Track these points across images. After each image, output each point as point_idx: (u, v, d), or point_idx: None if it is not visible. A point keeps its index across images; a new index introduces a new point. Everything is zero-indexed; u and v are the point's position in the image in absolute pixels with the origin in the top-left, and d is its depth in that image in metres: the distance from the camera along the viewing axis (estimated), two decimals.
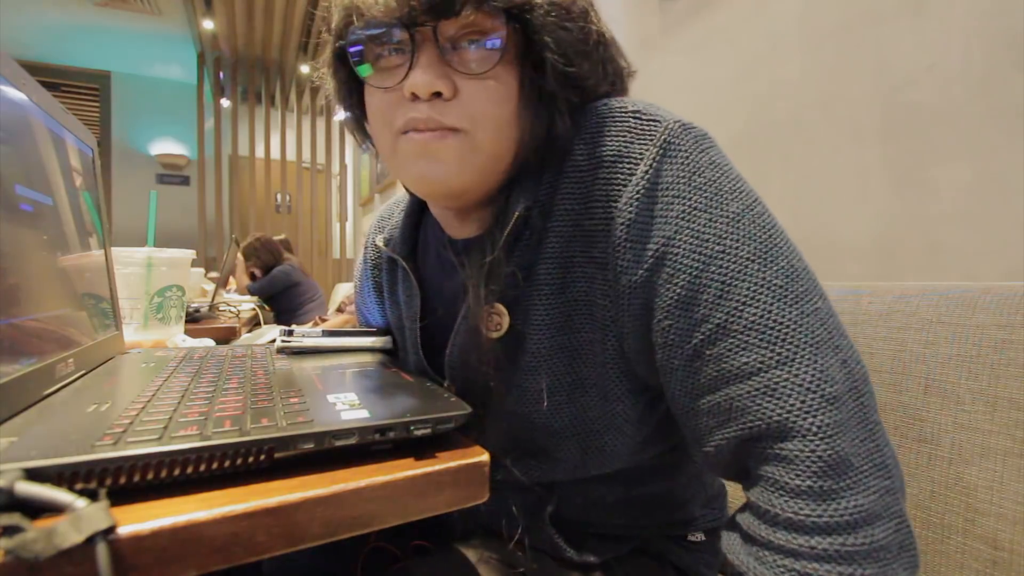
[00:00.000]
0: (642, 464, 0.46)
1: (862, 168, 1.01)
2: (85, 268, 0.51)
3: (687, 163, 0.37)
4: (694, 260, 0.35)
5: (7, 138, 0.36)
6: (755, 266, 0.34)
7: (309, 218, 5.29)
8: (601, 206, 0.38)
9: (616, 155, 0.38)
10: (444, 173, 0.39)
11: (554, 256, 0.40)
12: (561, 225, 0.39)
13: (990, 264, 0.82)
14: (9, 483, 0.21)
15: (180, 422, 0.29)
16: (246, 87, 5.12)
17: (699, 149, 0.37)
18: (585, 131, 0.39)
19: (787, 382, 0.32)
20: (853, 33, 1.02)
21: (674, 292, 0.35)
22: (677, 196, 0.36)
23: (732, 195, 0.36)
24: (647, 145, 0.37)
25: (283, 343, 0.54)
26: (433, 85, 0.37)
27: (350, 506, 0.27)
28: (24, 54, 4.70)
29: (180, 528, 0.23)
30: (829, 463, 0.31)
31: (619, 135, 0.38)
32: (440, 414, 0.33)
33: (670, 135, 0.37)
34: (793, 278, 0.35)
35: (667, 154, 0.37)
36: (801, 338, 0.33)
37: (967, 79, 0.84)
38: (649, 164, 0.36)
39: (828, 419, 0.32)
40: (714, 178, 0.36)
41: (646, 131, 0.37)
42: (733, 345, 0.34)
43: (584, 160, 0.39)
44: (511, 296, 0.41)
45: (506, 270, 0.41)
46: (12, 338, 0.33)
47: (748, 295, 0.34)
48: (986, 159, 0.82)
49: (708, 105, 1.36)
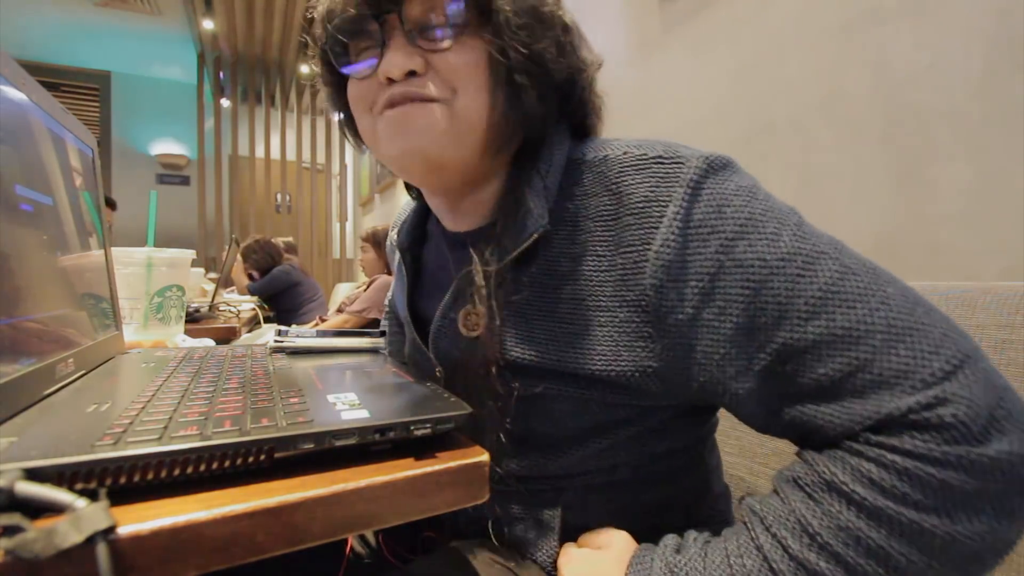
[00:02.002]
0: (649, 468, 0.45)
1: (862, 168, 1.01)
2: (85, 268, 0.51)
3: (714, 196, 0.37)
4: (743, 289, 0.35)
5: (7, 138, 0.36)
6: (806, 279, 0.34)
7: (309, 218, 5.29)
8: (634, 250, 0.38)
9: (644, 200, 0.38)
10: (422, 143, 0.41)
11: (575, 298, 0.40)
12: (590, 270, 0.40)
13: (990, 264, 0.82)
14: (9, 483, 0.21)
15: (180, 422, 0.29)
16: (246, 87, 5.12)
17: (724, 179, 0.38)
18: (609, 180, 0.40)
19: (873, 381, 0.32)
20: (853, 32, 1.02)
21: (729, 323, 0.35)
22: (712, 231, 0.36)
23: (765, 216, 0.36)
24: (674, 187, 0.37)
25: (276, 343, 0.54)
26: (405, 64, 0.39)
27: (350, 506, 0.27)
28: (24, 54, 4.70)
29: (180, 528, 0.23)
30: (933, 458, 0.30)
31: (644, 181, 0.38)
32: (440, 414, 0.33)
33: (694, 173, 0.37)
34: (848, 277, 0.34)
35: (694, 192, 0.37)
36: (878, 334, 0.32)
37: (967, 79, 0.84)
38: (679, 205, 0.37)
39: (927, 398, 0.31)
40: (743, 204, 0.36)
41: (671, 173, 0.38)
42: (806, 360, 0.33)
43: (611, 208, 0.39)
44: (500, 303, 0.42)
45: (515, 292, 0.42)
46: (12, 338, 0.33)
47: (807, 309, 0.33)
48: (986, 159, 0.82)
49: (708, 105, 1.36)
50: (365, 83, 0.42)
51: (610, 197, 0.40)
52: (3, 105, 0.36)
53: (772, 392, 0.36)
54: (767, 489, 0.38)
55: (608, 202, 0.40)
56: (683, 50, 1.42)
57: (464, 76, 0.40)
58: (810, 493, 0.34)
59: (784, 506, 0.35)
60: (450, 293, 0.46)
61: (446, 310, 0.46)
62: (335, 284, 3.97)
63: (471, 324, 0.43)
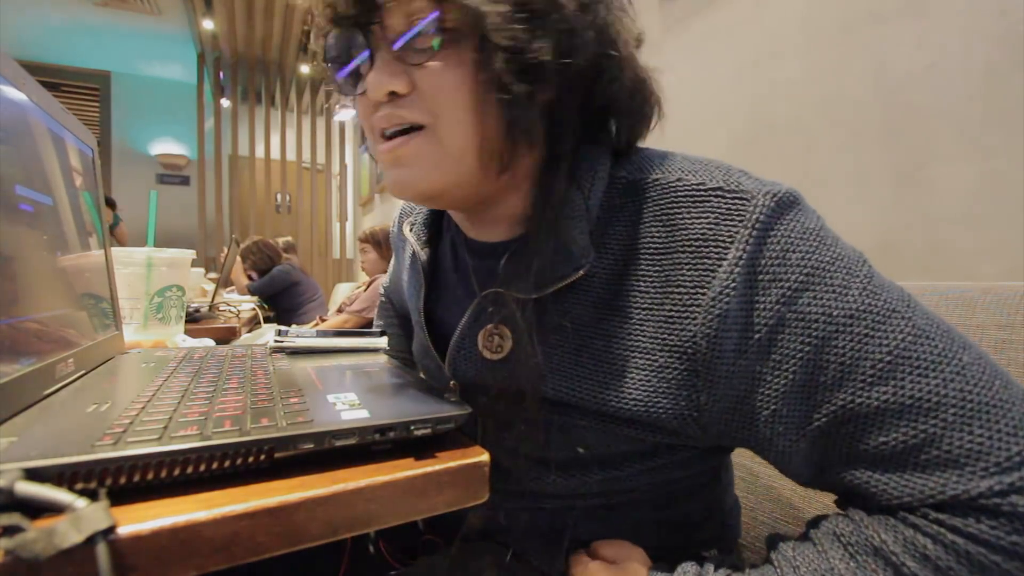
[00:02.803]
0: (666, 490, 0.44)
1: (862, 168, 1.01)
2: (85, 268, 0.51)
3: (779, 240, 0.33)
4: (803, 344, 0.32)
5: (7, 138, 0.36)
6: (875, 340, 0.31)
7: (309, 218, 5.29)
8: (686, 292, 0.35)
9: (701, 238, 0.34)
10: (412, 177, 0.38)
11: (612, 335, 0.37)
12: (632, 307, 0.37)
13: (990, 264, 0.82)
14: (9, 483, 0.21)
15: (180, 422, 0.29)
16: (246, 87, 5.12)
17: (791, 220, 0.34)
18: (660, 210, 0.36)
19: (941, 459, 0.29)
20: (853, 33, 1.02)
21: (784, 379, 0.33)
22: (774, 280, 0.33)
23: (833, 266, 0.33)
24: (737, 227, 0.33)
25: (276, 343, 0.54)
26: (384, 85, 0.36)
27: (350, 506, 0.27)
28: (24, 54, 4.70)
29: (180, 528, 0.23)
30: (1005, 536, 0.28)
31: (702, 216, 0.35)
32: (440, 414, 0.33)
33: (761, 212, 0.33)
34: (921, 341, 0.31)
35: (760, 235, 0.33)
36: (951, 407, 0.29)
37: (967, 79, 0.84)
38: (742, 248, 0.33)
39: (1001, 484, 0.28)
40: (811, 251, 0.33)
41: (733, 210, 0.34)
42: (867, 427, 0.31)
43: (661, 241, 0.36)
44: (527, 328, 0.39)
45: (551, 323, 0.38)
46: (12, 338, 0.33)
47: (874, 373, 0.31)
48: (986, 159, 0.82)
49: (708, 105, 1.36)
50: (362, 101, 0.39)
51: (660, 228, 0.36)
52: (3, 105, 0.36)
53: (824, 454, 0.33)
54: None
55: (658, 233, 0.36)
56: (683, 50, 1.42)
57: (446, 98, 0.36)
58: (852, 554, 0.32)
59: (821, 559, 0.33)
60: (471, 312, 0.42)
61: (466, 329, 0.43)
62: (335, 284, 3.97)
63: (493, 346, 0.41)
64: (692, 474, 0.44)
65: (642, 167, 0.39)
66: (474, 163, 0.37)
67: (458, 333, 0.43)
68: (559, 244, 0.38)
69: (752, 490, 0.63)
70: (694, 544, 0.46)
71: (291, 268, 3.13)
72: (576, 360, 0.38)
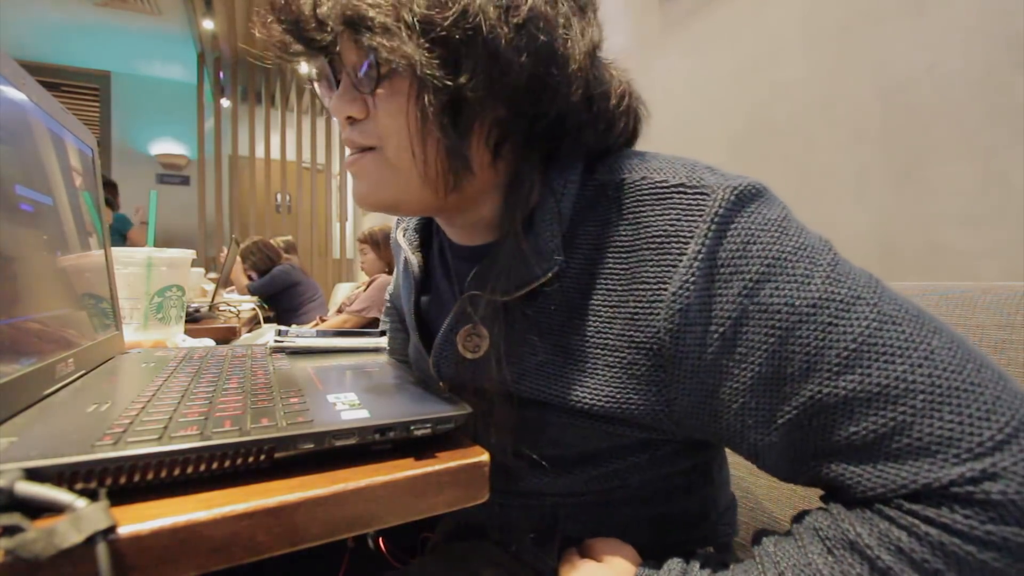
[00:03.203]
0: (655, 487, 0.44)
1: (862, 168, 1.01)
2: (85, 268, 0.51)
3: (740, 232, 0.33)
4: (767, 336, 0.32)
5: (7, 138, 0.36)
6: (839, 328, 0.31)
7: (309, 218, 5.29)
8: (649, 288, 0.35)
9: (663, 235, 0.35)
10: (365, 189, 0.41)
11: (582, 333, 0.38)
12: (600, 305, 0.37)
13: (990, 264, 0.82)
14: (9, 483, 0.21)
15: (180, 422, 0.29)
16: (246, 87, 5.12)
17: (752, 212, 0.34)
18: (626, 209, 0.37)
19: (912, 447, 0.29)
20: (853, 33, 1.02)
21: (750, 372, 0.33)
22: (735, 272, 0.33)
23: (795, 255, 0.32)
24: (696, 222, 0.34)
25: (276, 343, 0.54)
26: (344, 110, 0.38)
27: (350, 506, 0.27)
28: (24, 54, 4.70)
29: (180, 528, 0.23)
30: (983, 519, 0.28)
31: (664, 213, 0.35)
32: (440, 414, 0.33)
33: (720, 206, 0.33)
34: (887, 327, 0.31)
35: (719, 229, 0.33)
36: (920, 394, 0.29)
37: (967, 79, 0.84)
38: (700, 243, 0.33)
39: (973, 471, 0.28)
40: (772, 241, 0.33)
41: (693, 205, 0.34)
42: (836, 417, 0.31)
43: (627, 239, 0.36)
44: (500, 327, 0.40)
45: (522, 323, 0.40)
46: (12, 338, 0.33)
47: (839, 362, 0.30)
48: (986, 159, 0.82)
49: (708, 105, 1.36)
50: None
51: (626, 227, 0.37)
52: (3, 105, 0.36)
53: (797, 447, 0.33)
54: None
55: (624, 232, 0.37)
56: (683, 50, 1.42)
57: (388, 125, 0.37)
58: (830, 548, 0.32)
59: (800, 554, 0.33)
60: (452, 315, 0.44)
61: (447, 331, 0.44)
62: (335, 284, 3.97)
63: (471, 346, 0.42)
64: (681, 470, 0.45)
65: (614, 169, 0.39)
66: (418, 184, 0.39)
67: (441, 333, 0.45)
68: (530, 248, 0.38)
69: (751, 489, 0.63)
70: (689, 542, 0.46)
71: (291, 268, 3.13)
72: (549, 360, 0.39)
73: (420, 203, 0.40)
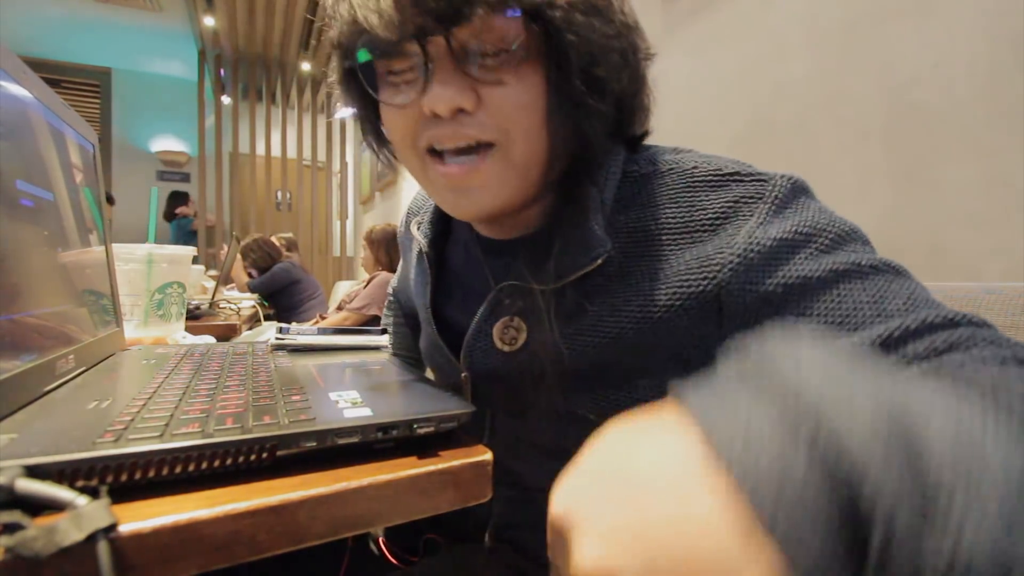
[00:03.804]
0: None
1: (865, 168, 1.00)
2: (86, 264, 0.51)
3: (798, 212, 0.36)
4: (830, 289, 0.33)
5: (8, 133, 0.36)
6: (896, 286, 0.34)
7: (309, 216, 5.28)
8: (706, 256, 0.36)
9: (722, 216, 0.36)
10: (479, 201, 0.38)
11: (627, 308, 0.38)
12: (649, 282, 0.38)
13: (994, 264, 0.82)
14: (10, 480, 0.21)
15: (181, 419, 0.29)
16: (247, 84, 5.11)
17: (805, 199, 0.37)
18: (677, 193, 0.38)
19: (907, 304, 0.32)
20: (857, 32, 1.01)
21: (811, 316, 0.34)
22: (793, 248, 0.34)
23: (853, 233, 0.36)
24: (757, 204, 0.36)
25: (278, 340, 0.54)
26: (454, 101, 0.34)
27: (352, 505, 0.27)
28: (25, 50, 4.69)
29: (181, 526, 0.23)
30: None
31: (721, 196, 0.37)
32: (443, 412, 0.33)
33: (779, 191, 0.36)
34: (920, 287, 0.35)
35: (778, 210, 0.35)
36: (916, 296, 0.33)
37: (972, 79, 0.84)
38: (761, 219, 0.35)
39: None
40: (831, 221, 0.36)
41: (753, 191, 0.36)
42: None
43: (680, 221, 0.37)
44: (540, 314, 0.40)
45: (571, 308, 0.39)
46: (13, 334, 0.33)
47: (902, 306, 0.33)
48: (990, 159, 0.82)
49: (711, 105, 1.35)
50: (404, 113, 0.37)
51: (677, 209, 0.38)
52: (4, 100, 0.36)
53: None
54: None
55: (675, 214, 0.37)
56: (685, 49, 1.41)
57: (520, 116, 0.35)
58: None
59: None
60: (486, 305, 0.43)
61: (482, 323, 0.44)
62: (335, 282, 3.97)
63: (508, 338, 0.41)
64: None
65: (654, 160, 0.40)
66: (539, 177, 0.39)
67: (474, 326, 0.44)
68: (578, 236, 0.38)
69: None
70: None
71: (291, 266, 3.13)
72: (593, 339, 0.39)
73: (517, 205, 0.40)
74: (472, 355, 0.45)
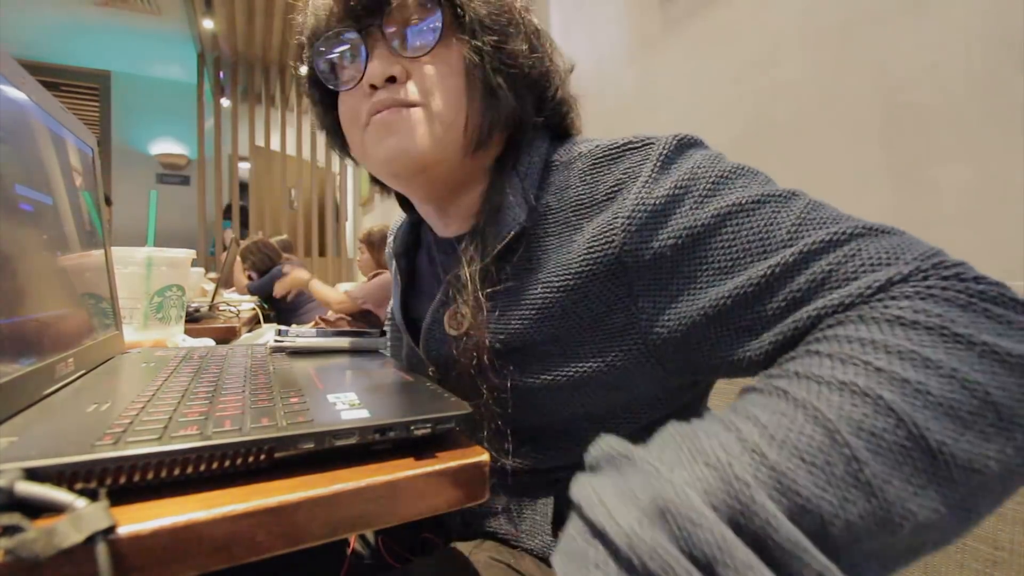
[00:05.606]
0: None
1: (862, 168, 1.01)
2: (85, 268, 0.51)
3: (686, 163, 0.39)
4: (720, 234, 0.36)
5: (7, 137, 0.36)
6: (783, 213, 0.35)
7: (318, 216, 5.28)
8: (606, 222, 0.39)
9: (617, 182, 0.40)
10: (404, 143, 0.42)
11: (551, 281, 0.41)
12: (565, 252, 0.41)
13: (990, 264, 0.82)
14: (9, 483, 0.21)
15: (180, 422, 0.29)
16: (246, 87, 5.11)
17: (693, 152, 0.40)
18: (583, 172, 0.42)
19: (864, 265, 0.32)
20: (854, 33, 1.02)
21: (711, 269, 0.36)
22: (686, 192, 0.37)
23: (735, 171, 0.38)
24: (644, 164, 0.39)
25: (276, 342, 0.54)
26: (386, 71, 0.42)
27: (350, 506, 0.27)
28: (24, 53, 4.70)
29: (180, 528, 0.23)
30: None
31: (616, 166, 0.41)
32: (440, 414, 0.33)
33: (664, 148, 0.39)
34: (821, 206, 0.36)
35: (664, 165, 0.39)
36: (861, 237, 0.33)
37: (968, 79, 0.84)
38: (648, 175, 0.39)
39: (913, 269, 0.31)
40: (712, 165, 0.39)
41: (640, 154, 0.40)
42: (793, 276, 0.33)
43: (586, 196, 0.41)
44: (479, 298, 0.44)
45: (498, 284, 0.43)
46: (12, 337, 0.33)
47: (786, 238, 0.34)
48: (987, 159, 0.82)
49: (708, 105, 1.35)
50: (353, 96, 0.45)
51: (584, 186, 0.42)
52: (3, 104, 0.36)
53: (765, 316, 0.34)
54: None
55: (583, 191, 0.42)
56: (683, 50, 1.42)
57: (440, 82, 0.42)
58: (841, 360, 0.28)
59: None
60: (439, 295, 0.48)
61: (435, 312, 0.48)
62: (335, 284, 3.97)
63: (455, 323, 0.45)
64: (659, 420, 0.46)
65: (570, 147, 0.45)
66: (460, 139, 0.43)
67: (428, 316, 0.49)
68: (498, 217, 0.44)
69: None
70: None
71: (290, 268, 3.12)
72: (525, 313, 0.42)
73: (447, 165, 0.44)
74: (429, 344, 0.49)
